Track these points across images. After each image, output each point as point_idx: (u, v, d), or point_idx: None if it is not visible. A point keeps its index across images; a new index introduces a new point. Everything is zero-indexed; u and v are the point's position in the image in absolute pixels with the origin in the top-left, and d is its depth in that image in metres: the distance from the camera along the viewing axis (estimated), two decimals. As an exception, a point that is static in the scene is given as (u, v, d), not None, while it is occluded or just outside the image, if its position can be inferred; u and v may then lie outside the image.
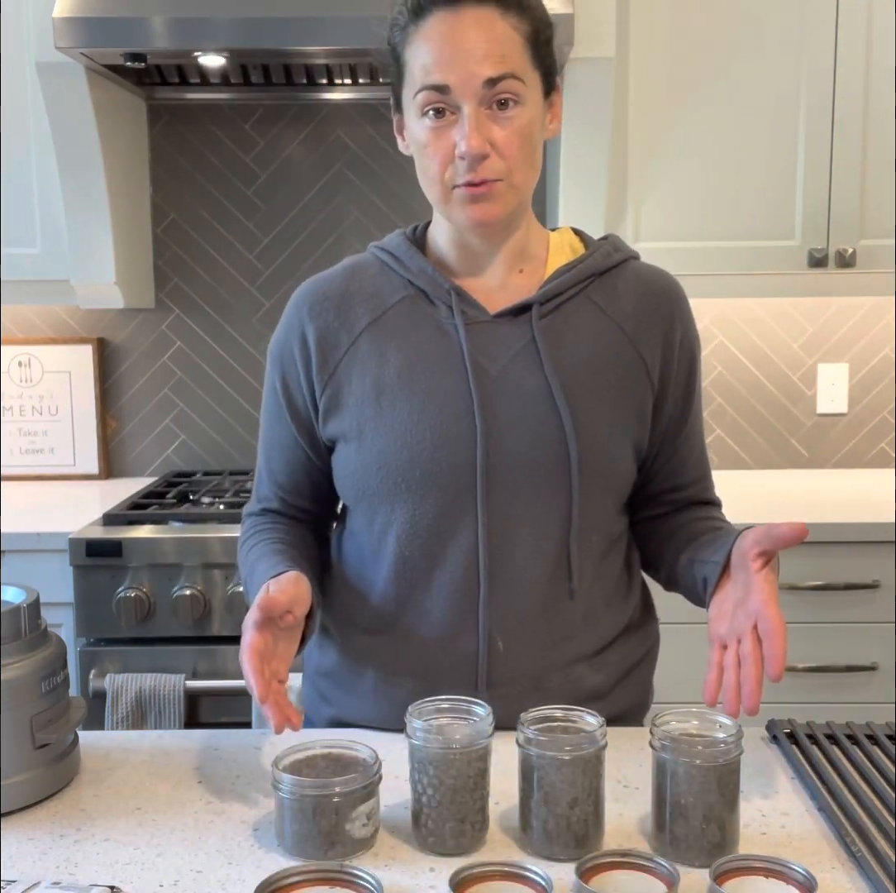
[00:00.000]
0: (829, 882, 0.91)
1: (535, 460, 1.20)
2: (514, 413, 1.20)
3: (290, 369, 1.28)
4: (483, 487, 1.19)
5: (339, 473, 1.28)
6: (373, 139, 2.73)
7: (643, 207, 2.44)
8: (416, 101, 1.17)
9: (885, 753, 1.13)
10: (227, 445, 2.83)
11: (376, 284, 1.27)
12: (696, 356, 1.30)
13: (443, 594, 1.22)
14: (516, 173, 1.17)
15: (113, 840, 1.00)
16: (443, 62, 1.14)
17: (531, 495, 1.21)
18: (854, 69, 2.38)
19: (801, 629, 2.24)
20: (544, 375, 1.21)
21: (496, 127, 1.15)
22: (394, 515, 1.23)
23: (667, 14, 2.37)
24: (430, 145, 1.17)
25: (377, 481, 1.22)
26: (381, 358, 1.23)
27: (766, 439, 2.83)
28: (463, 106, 1.14)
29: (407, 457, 1.20)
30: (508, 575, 1.21)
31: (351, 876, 0.89)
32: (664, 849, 0.96)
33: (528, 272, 1.27)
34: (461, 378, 1.21)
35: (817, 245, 2.42)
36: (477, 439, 1.19)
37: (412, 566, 1.23)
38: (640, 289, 1.27)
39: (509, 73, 1.14)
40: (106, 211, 2.39)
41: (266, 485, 1.35)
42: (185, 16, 2.14)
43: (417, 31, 1.16)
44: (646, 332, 1.25)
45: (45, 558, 2.19)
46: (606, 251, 1.28)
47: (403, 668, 1.24)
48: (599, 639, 1.26)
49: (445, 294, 1.24)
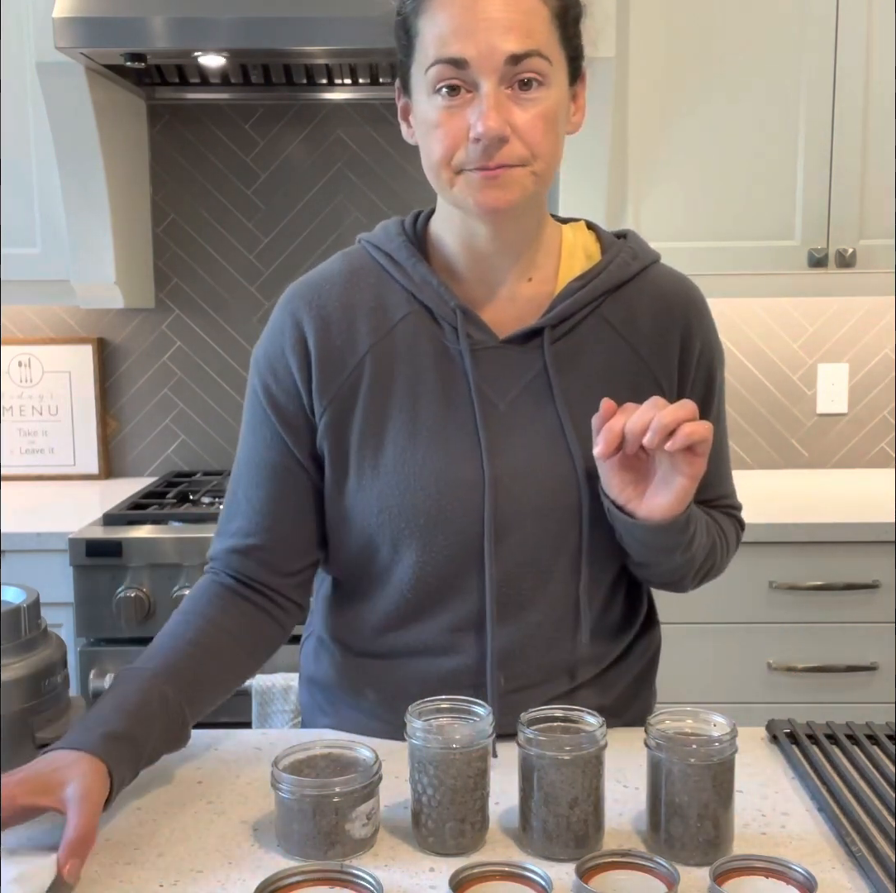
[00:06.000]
0: (829, 882, 0.91)
1: (545, 505, 1.15)
2: (523, 456, 1.14)
3: (283, 380, 1.17)
4: (491, 534, 1.13)
5: (335, 506, 1.18)
6: (373, 139, 2.73)
7: (643, 207, 2.44)
8: (427, 77, 1.05)
9: (885, 753, 1.13)
10: (227, 445, 2.83)
11: (378, 296, 1.17)
12: (714, 372, 1.23)
13: (446, 634, 1.18)
14: (540, 161, 1.06)
15: (113, 840, 1.00)
16: (461, 32, 1.02)
17: (540, 541, 1.15)
18: (854, 69, 2.38)
19: (801, 629, 2.25)
20: (555, 410, 1.14)
21: (517, 109, 1.04)
22: (398, 556, 1.17)
23: (667, 14, 2.38)
24: (442, 125, 1.05)
25: (378, 524, 1.15)
26: (384, 386, 1.15)
27: (766, 439, 2.83)
28: (481, 83, 1.03)
29: (410, 503, 1.13)
30: (515, 618, 1.16)
31: (351, 876, 0.89)
32: (660, 848, 0.95)
33: (537, 281, 1.18)
34: (468, 415, 1.14)
35: (817, 245, 2.42)
36: (485, 486, 1.13)
37: (415, 608, 1.18)
38: (657, 304, 1.19)
39: (535, 50, 1.03)
40: (106, 211, 2.39)
41: (244, 517, 1.19)
42: (185, 16, 2.14)
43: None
44: (661, 353, 1.18)
45: (45, 558, 2.19)
46: (624, 261, 1.18)
47: (403, 694, 1.15)
48: (602, 665, 1.23)
49: (450, 313, 1.15)
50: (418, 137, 1.11)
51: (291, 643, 1.49)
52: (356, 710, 1.24)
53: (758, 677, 2.27)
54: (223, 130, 2.74)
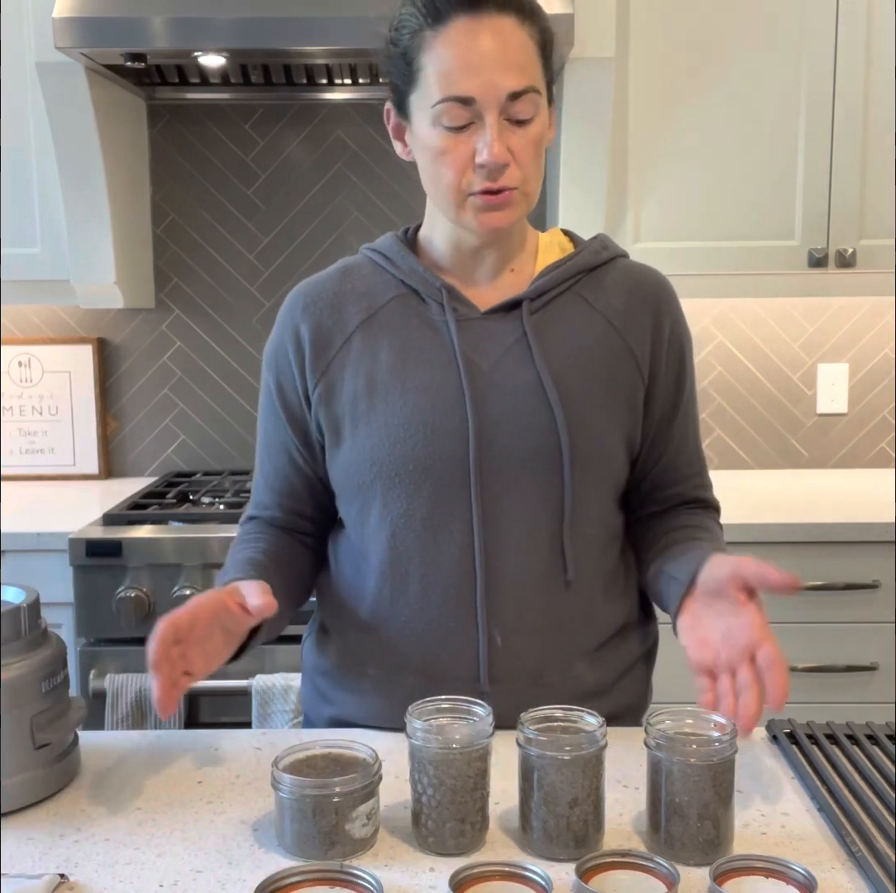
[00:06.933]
0: (829, 882, 0.91)
1: (528, 452, 1.21)
2: (505, 407, 1.21)
3: (284, 369, 1.29)
4: (476, 480, 1.20)
5: (333, 470, 1.28)
6: (373, 139, 2.73)
7: (643, 208, 2.44)
8: (434, 110, 1.16)
9: (885, 753, 1.13)
10: (227, 445, 2.83)
11: (368, 283, 1.28)
12: (685, 349, 1.31)
13: (438, 589, 1.22)
14: (530, 181, 1.19)
15: (113, 840, 1.00)
16: (466, 71, 1.13)
17: (524, 488, 1.21)
18: (854, 69, 2.38)
19: (801, 629, 2.25)
20: (535, 369, 1.22)
21: (514, 136, 1.16)
22: (387, 509, 1.23)
23: (667, 14, 2.37)
24: (449, 153, 1.16)
25: (371, 477, 1.23)
26: (373, 355, 1.24)
27: (766, 439, 2.83)
28: (486, 116, 1.15)
29: (400, 451, 1.21)
30: (504, 568, 1.21)
31: (351, 876, 0.89)
32: (660, 848, 0.96)
33: (518, 271, 1.28)
34: (453, 373, 1.22)
35: (817, 245, 2.42)
36: (469, 433, 1.20)
37: (406, 561, 1.23)
38: (628, 285, 1.28)
39: (531, 86, 1.15)
40: (106, 211, 2.39)
41: (262, 491, 1.35)
42: (185, 16, 2.14)
43: (437, 37, 1.14)
44: (634, 325, 1.26)
45: (45, 558, 2.19)
46: (595, 249, 1.29)
47: (403, 665, 1.25)
48: (597, 635, 1.27)
49: (437, 292, 1.25)
50: (421, 160, 1.21)
51: (292, 643, 1.49)
52: (357, 693, 1.28)
53: (758, 677, 2.27)
54: (223, 130, 2.74)
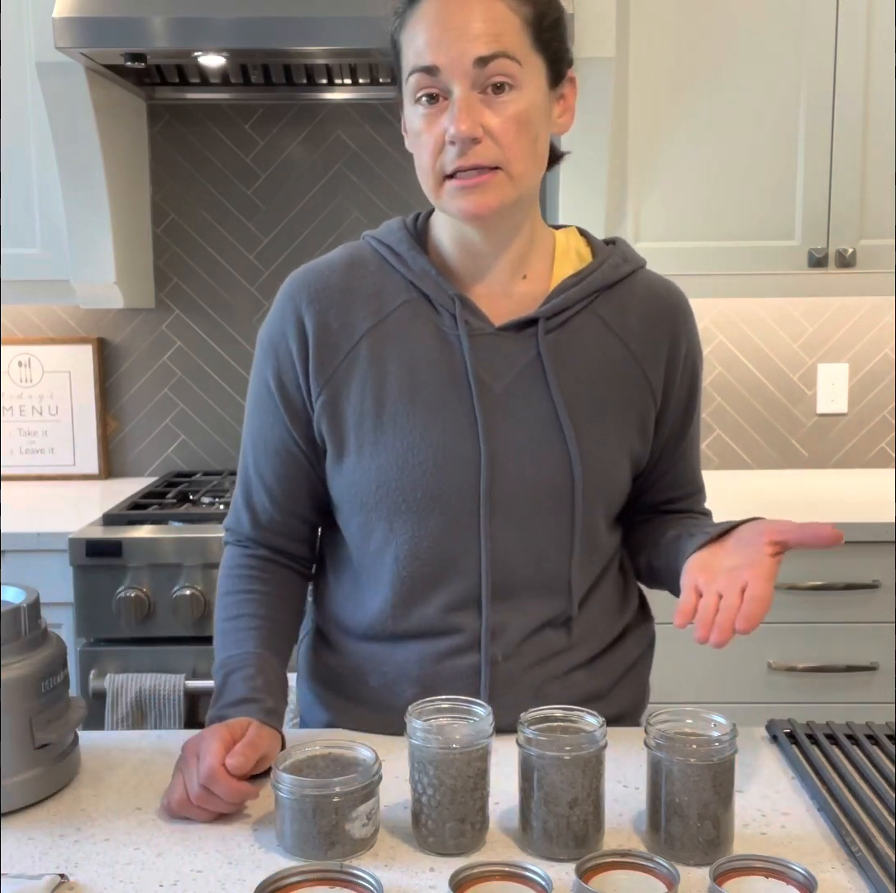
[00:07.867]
0: (829, 882, 0.91)
1: (539, 484, 1.18)
2: (518, 436, 1.18)
3: (285, 364, 1.21)
4: (486, 510, 1.17)
5: (335, 483, 1.23)
6: (373, 139, 2.73)
7: (643, 207, 2.44)
8: (408, 86, 1.12)
9: (885, 753, 1.13)
10: (227, 445, 2.83)
11: (377, 283, 1.21)
12: (697, 373, 1.29)
13: (442, 613, 1.20)
14: (515, 163, 1.11)
15: (113, 840, 1.00)
16: (433, 42, 1.09)
17: (534, 519, 1.19)
18: (854, 69, 2.38)
19: (801, 629, 2.25)
20: (549, 395, 1.18)
21: (489, 112, 1.09)
22: (392, 534, 1.20)
23: (667, 14, 2.37)
24: (424, 132, 1.12)
25: (376, 499, 1.19)
26: (380, 367, 1.18)
27: (766, 439, 2.83)
28: (454, 89, 1.09)
29: (408, 478, 1.17)
30: (510, 597, 1.20)
31: (351, 876, 0.89)
32: (660, 848, 0.95)
33: (531, 279, 1.22)
34: (464, 395, 1.17)
35: (817, 245, 2.42)
36: (481, 463, 1.16)
37: (411, 587, 1.20)
38: (647, 305, 1.24)
39: (501, 52, 1.08)
40: (106, 211, 2.39)
41: (255, 494, 1.26)
42: (184, 16, 2.14)
43: (412, 15, 1.12)
44: (651, 349, 1.23)
45: (45, 558, 2.19)
46: (615, 263, 1.23)
47: (403, 677, 1.22)
48: (597, 646, 1.26)
49: (449, 301, 1.19)
50: (409, 145, 1.17)
51: (291, 643, 1.49)
52: (356, 701, 1.26)
53: (758, 677, 2.27)
54: (223, 130, 2.74)
